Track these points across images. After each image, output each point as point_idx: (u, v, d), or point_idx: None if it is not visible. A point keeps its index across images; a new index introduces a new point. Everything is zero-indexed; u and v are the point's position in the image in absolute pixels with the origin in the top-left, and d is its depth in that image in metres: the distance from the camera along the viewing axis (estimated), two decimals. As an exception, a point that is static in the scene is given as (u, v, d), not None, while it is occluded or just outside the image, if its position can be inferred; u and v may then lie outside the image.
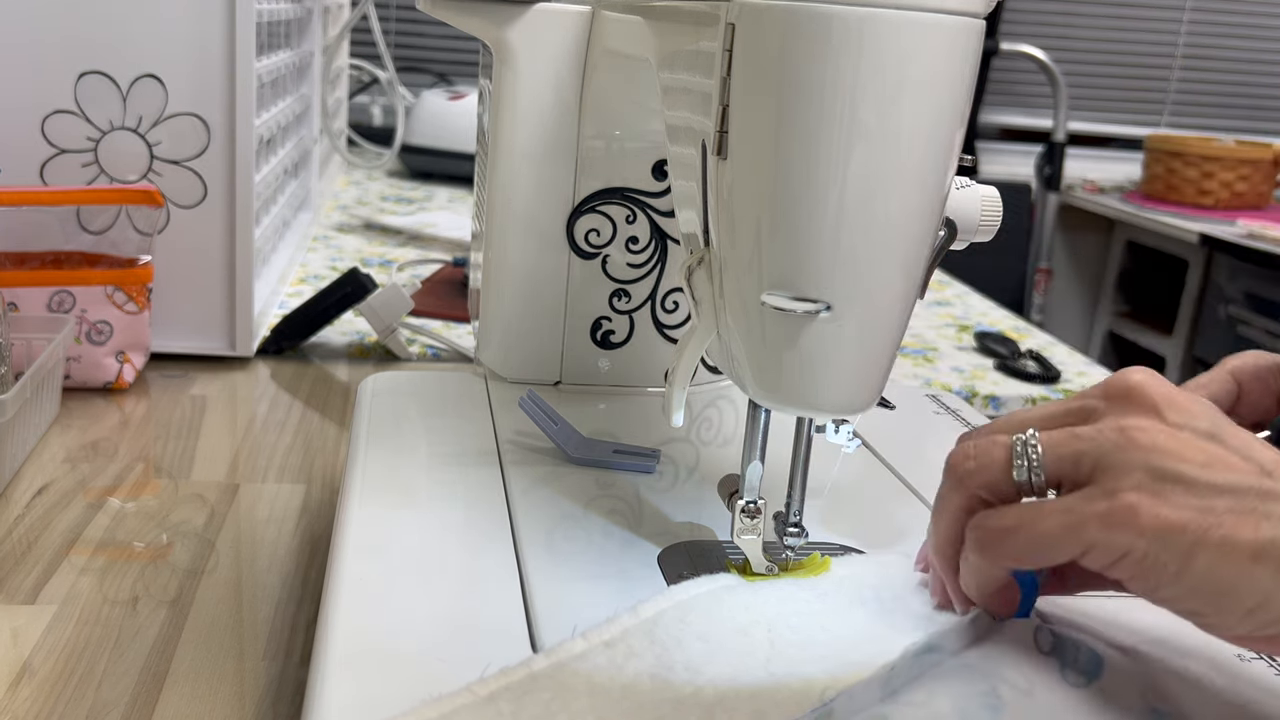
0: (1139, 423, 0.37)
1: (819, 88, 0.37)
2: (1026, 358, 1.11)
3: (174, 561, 0.62)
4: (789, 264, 0.40)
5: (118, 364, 0.86)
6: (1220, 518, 0.35)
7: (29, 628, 0.55)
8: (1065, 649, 0.40)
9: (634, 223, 0.66)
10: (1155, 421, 0.37)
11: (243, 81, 0.87)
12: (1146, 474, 0.35)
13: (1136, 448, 0.36)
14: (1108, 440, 0.37)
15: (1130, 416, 0.37)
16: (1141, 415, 0.37)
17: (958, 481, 0.40)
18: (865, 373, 0.42)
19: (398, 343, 0.97)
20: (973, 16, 0.38)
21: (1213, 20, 2.88)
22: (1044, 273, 2.71)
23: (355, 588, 0.45)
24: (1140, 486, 0.35)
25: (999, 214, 0.51)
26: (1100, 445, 0.37)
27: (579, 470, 0.57)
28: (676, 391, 0.47)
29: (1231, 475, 0.35)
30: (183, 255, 0.90)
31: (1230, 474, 0.35)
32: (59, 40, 0.85)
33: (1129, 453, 0.36)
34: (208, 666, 0.53)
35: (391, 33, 2.46)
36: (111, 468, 0.73)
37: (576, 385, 0.69)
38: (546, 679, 0.38)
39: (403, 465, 0.57)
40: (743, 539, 0.46)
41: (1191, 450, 0.36)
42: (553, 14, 0.63)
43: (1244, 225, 2.22)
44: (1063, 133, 2.64)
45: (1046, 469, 0.38)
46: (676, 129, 0.49)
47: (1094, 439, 0.37)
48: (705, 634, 0.41)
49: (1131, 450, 0.36)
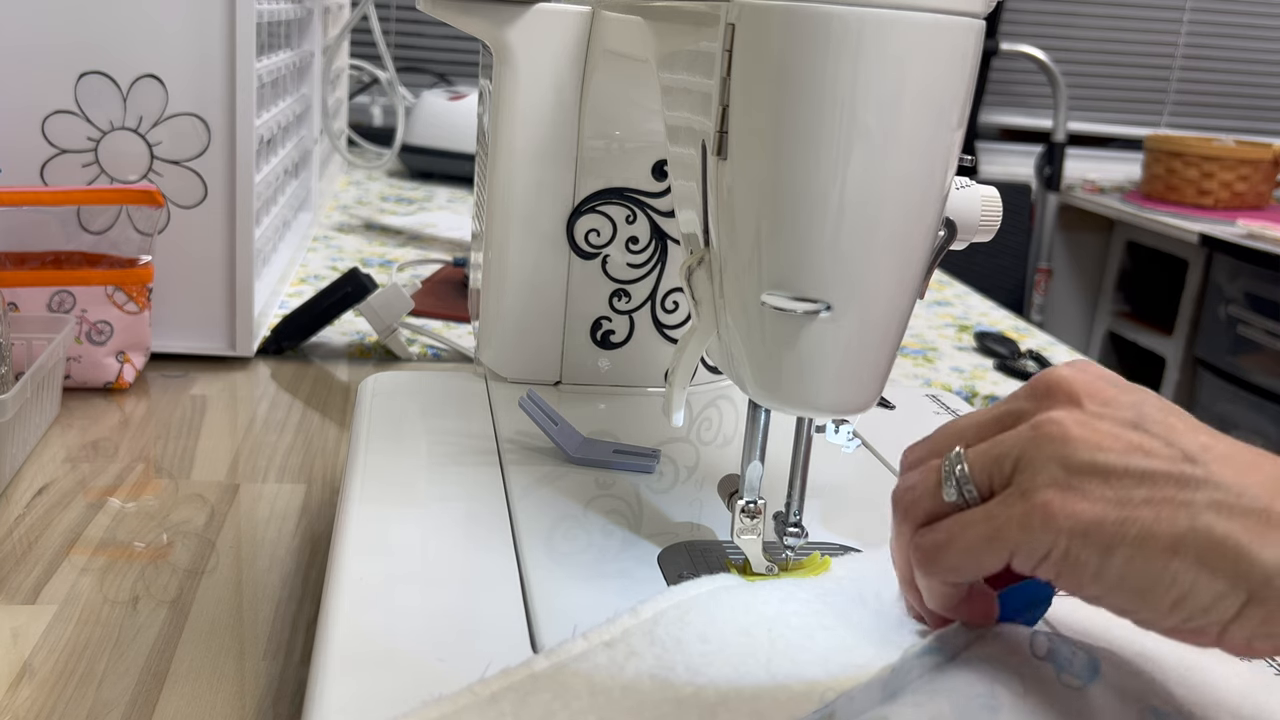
0: (1053, 415, 0.36)
1: (819, 88, 0.37)
2: (1026, 358, 1.11)
3: (174, 561, 0.62)
4: (789, 264, 0.40)
5: (118, 364, 0.86)
6: (1137, 510, 0.34)
7: (29, 628, 0.55)
8: (1061, 653, 0.40)
9: (634, 223, 0.66)
10: (1072, 411, 0.36)
11: (243, 81, 0.87)
12: (1060, 468, 0.35)
13: (1049, 441, 0.36)
14: (1023, 438, 0.37)
15: (1047, 411, 0.37)
16: (1059, 408, 0.37)
17: (903, 514, 0.40)
18: (865, 373, 0.42)
19: (398, 343, 0.97)
20: (973, 16, 0.38)
21: (1213, 20, 2.88)
22: (1044, 273, 2.71)
23: (355, 588, 0.45)
24: (1054, 483, 0.35)
25: (999, 214, 0.51)
26: (1017, 445, 0.37)
27: (579, 470, 0.57)
28: (676, 391, 0.47)
29: (1150, 461, 0.35)
30: (183, 255, 0.90)
31: (1149, 460, 0.35)
32: (59, 40, 0.85)
33: (1042, 447, 0.36)
34: (208, 666, 0.53)
35: (391, 33, 2.46)
36: (112, 468, 0.73)
37: (576, 385, 0.69)
38: (547, 679, 0.38)
39: (403, 465, 0.57)
40: (743, 539, 0.46)
41: (1108, 438, 0.35)
42: (553, 14, 0.63)
43: (1244, 225, 2.22)
44: (1063, 133, 2.64)
45: (976, 483, 0.38)
46: (676, 129, 0.49)
47: (1012, 441, 0.37)
48: (706, 634, 0.41)
49: (1044, 444, 0.36)
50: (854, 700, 0.38)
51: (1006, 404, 0.40)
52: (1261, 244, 2.13)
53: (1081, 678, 0.39)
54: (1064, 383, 0.38)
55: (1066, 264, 2.85)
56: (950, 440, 0.40)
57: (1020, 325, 1.28)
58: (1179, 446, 0.35)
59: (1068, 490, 0.35)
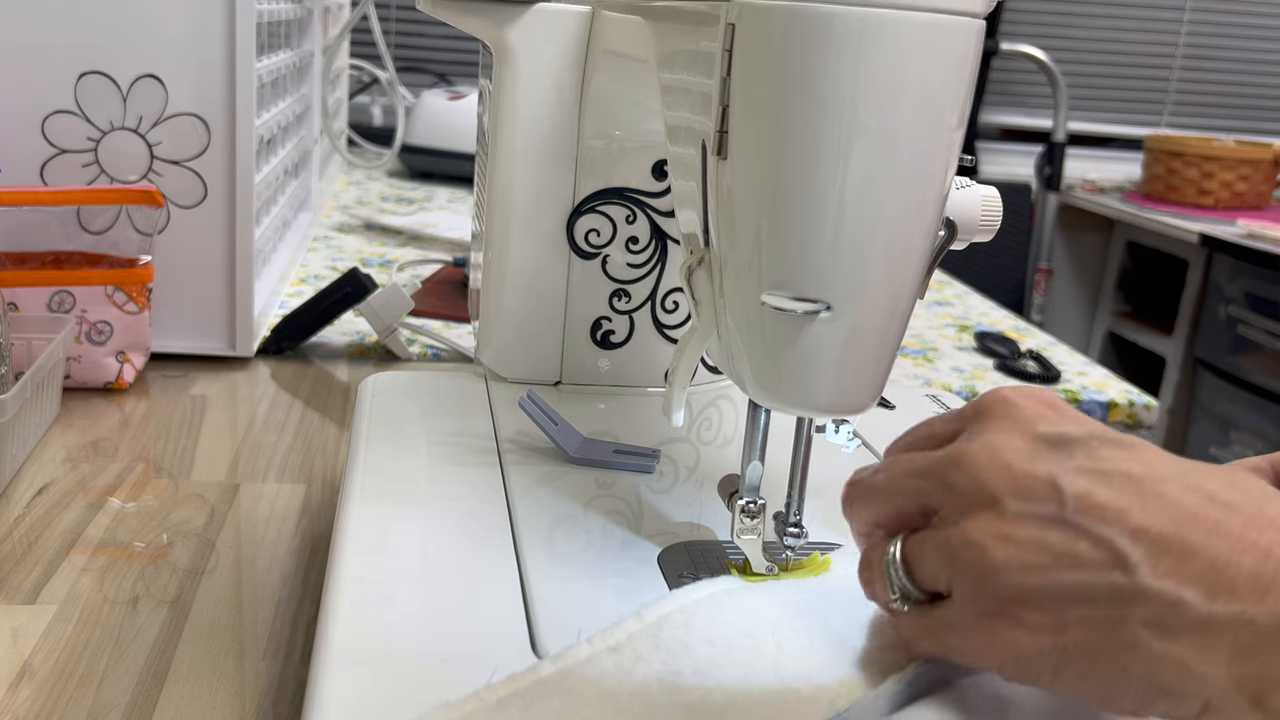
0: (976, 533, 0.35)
1: (819, 88, 0.37)
2: (1026, 358, 1.11)
3: (174, 561, 0.62)
4: (789, 264, 0.40)
5: (118, 364, 0.86)
6: (1076, 633, 0.33)
7: (29, 628, 0.55)
8: None
9: (634, 223, 0.66)
10: (993, 521, 0.35)
11: (243, 81, 0.87)
12: (991, 598, 0.35)
13: (971, 567, 0.35)
14: (955, 559, 0.36)
15: (968, 518, 0.35)
16: (978, 513, 0.35)
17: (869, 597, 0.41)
18: (865, 373, 0.42)
19: (398, 343, 0.97)
20: (973, 16, 0.38)
21: (1213, 20, 2.87)
22: (1044, 273, 2.71)
23: (355, 588, 0.45)
24: (988, 613, 0.35)
25: (999, 214, 0.51)
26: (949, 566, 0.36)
27: (579, 470, 0.57)
28: (676, 391, 0.47)
29: (1080, 574, 0.33)
30: (183, 255, 0.90)
31: (1078, 572, 0.33)
32: (59, 40, 0.85)
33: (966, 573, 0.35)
34: (208, 666, 0.53)
35: (391, 33, 2.46)
36: (112, 468, 0.73)
37: (576, 385, 0.69)
38: (554, 685, 0.38)
39: (403, 465, 0.57)
40: (743, 539, 0.46)
41: (1033, 552, 0.34)
42: (553, 14, 0.63)
43: (1244, 225, 2.22)
44: (1063, 133, 2.64)
45: (919, 584, 0.38)
46: (676, 129, 0.49)
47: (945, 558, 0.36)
48: (711, 638, 0.41)
49: (968, 570, 0.35)
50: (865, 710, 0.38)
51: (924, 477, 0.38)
52: (1261, 244, 2.13)
53: None
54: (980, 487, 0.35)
55: (1066, 264, 2.85)
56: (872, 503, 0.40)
57: (1020, 325, 1.28)
58: (1106, 544, 0.33)
59: (1000, 619, 0.34)
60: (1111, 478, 0.34)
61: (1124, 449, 0.35)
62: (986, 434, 0.37)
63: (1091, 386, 1.07)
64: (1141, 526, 0.33)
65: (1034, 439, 0.36)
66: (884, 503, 0.40)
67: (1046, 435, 0.36)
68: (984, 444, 0.36)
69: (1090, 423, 0.37)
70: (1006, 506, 0.35)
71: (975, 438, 0.37)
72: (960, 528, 0.36)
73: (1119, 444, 0.35)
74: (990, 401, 0.38)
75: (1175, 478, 0.34)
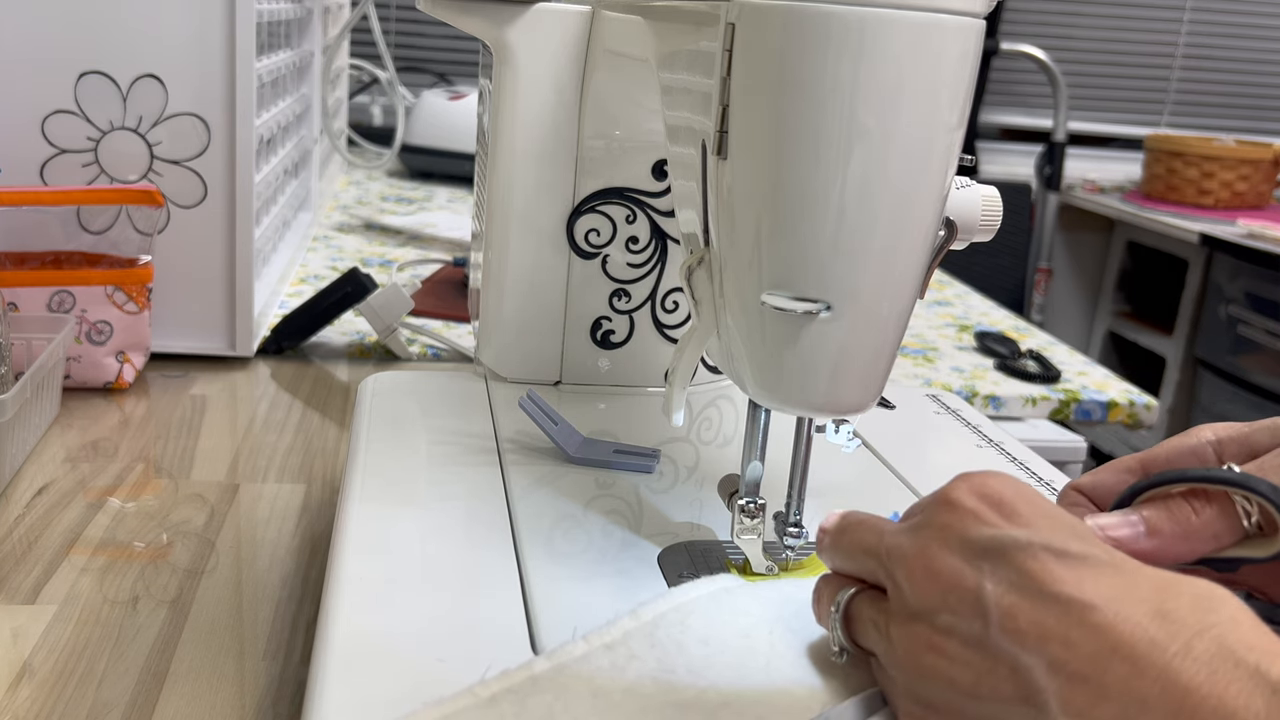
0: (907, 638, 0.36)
1: (819, 88, 0.37)
2: (1026, 358, 1.11)
3: (174, 561, 0.62)
4: (789, 264, 0.40)
5: (118, 364, 0.86)
6: None
7: (29, 628, 0.55)
8: None
9: (634, 223, 0.66)
10: (921, 627, 0.35)
11: (243, 81, 0.87)
12: (914, 700, 0.36)
13: (903, 670, 0.36)
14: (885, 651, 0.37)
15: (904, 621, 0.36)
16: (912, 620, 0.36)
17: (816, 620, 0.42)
18: (865, 373, 0.42)
19: (398, 343, 0.97)
20: (973, 16, 0.38)
21: (1213, 20, 2.87)
22: (1044, 273, 2.70)
23: (355, 587, 0.45)
24: (912, 713, 0.36)
25: (999, 214, 0.51)
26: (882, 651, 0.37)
27: (579, 470, 0.57)
28: (676, 391, 0.47)
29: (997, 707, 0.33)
30: (183, 255, 0.90)
31: (994, 703, 0.33)
32: (59, 40, 0.85)
33: (898, 671, 0.36)
34: (208, 666, 0.53)
35: (391, 33, 2.46)
36: (111, 468, 0.73)
37: (576, 385, 0.69)
38: (548, 681, 0.38)
39: (403, 465, 0.57)
40: (743, 539, 0.46)
41: (959, 668, 0.34)
42: (553, 14, 0.63)
43: (1244, 225, 2.22)
44: (1063, 133, 2.64)
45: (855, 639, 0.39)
46: (676, 129, 0.49)
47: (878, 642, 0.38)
48: (706, 637, 0.41)
49: (900, 670, 0.36)
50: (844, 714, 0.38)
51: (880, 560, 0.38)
52: (1262, 244, 2.13)
53: None
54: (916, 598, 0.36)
55: (1067, 264, 2.85)
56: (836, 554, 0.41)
57: (1020, 325, 1.28)
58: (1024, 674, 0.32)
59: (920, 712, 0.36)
60: (1040, 597, 0.33)
61: (1062, 562, 0.33)
62: (925, 531, 0.37)
63: (1091, 386, 1.07)
64: (1059, 660, 0.31)
65: (966, 545, 0.35)
66: (845, 563, 0.41)
67: (980, 542, 0.35)
68: (921, 549, 0.36)
69: (1039, 518, 0.35)
70: (937, 619, 0.35)
71: (918, 536, 0.37)
72: (897, 628, 0.36)
73: (1061, 555, 0.33)
74: (940, 496, 0.37)
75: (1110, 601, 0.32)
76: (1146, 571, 0.33)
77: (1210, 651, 0.30)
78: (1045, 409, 1.04)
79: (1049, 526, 0.35)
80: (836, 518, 0.42)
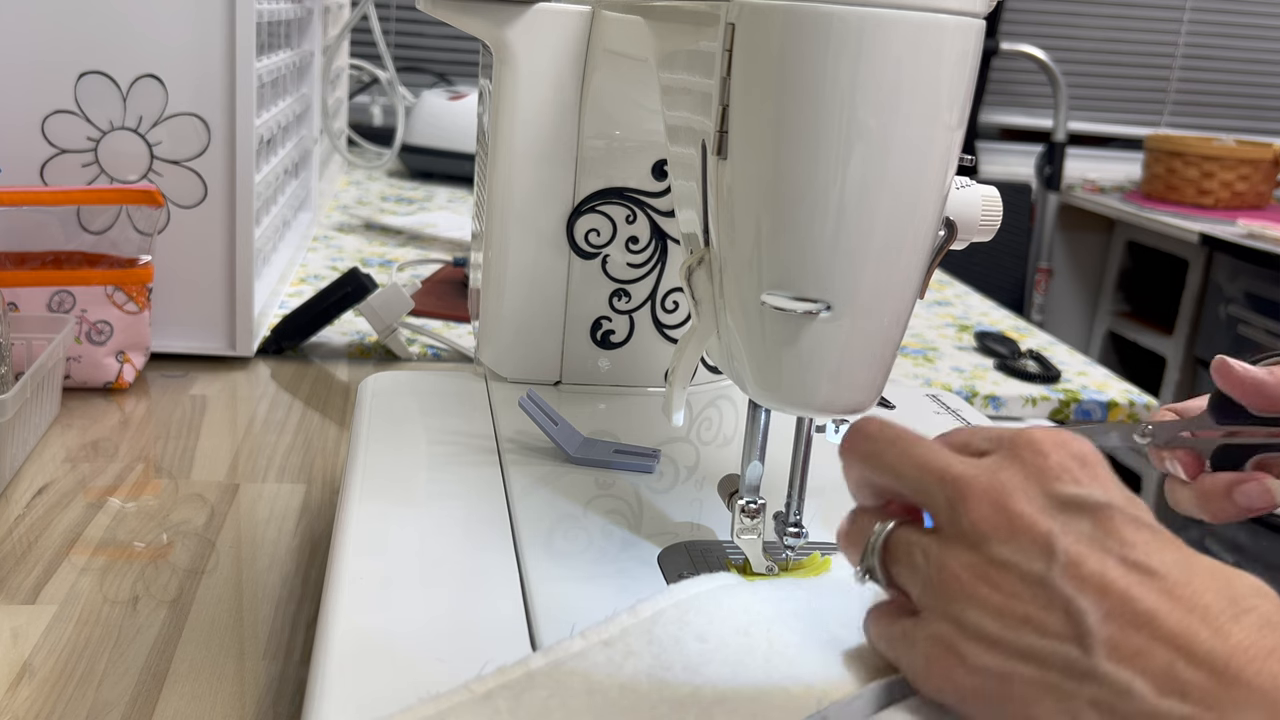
0: (958, 563, 0.35)
1: (819, 88, 0.37)
2: (1026, 358, 1.11)
3: (174, 561, 0.62)
4: (789, 264, 0.40)
5: (118, 364, 0.86)
6: (1018, 688, 0.33)
7: (29, 628, 0.55)
8: None
9: (634, 223, 0.66)
10: (977, 557, 0.35)
11: (243, 81, 0.87)
12: (953, 626, 0.35)
13: (948, 594, 0.35)
14: (930, 577, 0.36)
15: (956, 547, 0.36)
16: (966, 547, 0.35)
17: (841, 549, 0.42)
18: (865, 373, 0.42)
19: (398, 343, 0.97)
20: (973, 16, 0.38)
21: (1213, 20, 2.87)
22: (1044, 273, 2.71)
23: (355, 587, 0.45)
24: (941, 640, 0.35)
25: (999, 214, 0.51)
26: (923, 579, 0.37)
27: (579, 470, 0.57)
28: (676, 391, 0.47)
29: (1042, 640, 0.33)
30: (183, 255, 0.90)
31: (1041, 638, 0.33)
32: (59, 40, 0.85)
33: (939, 595, 0.36)
34: (208, 666, 0.53)
35: (391, 33, 2.46)
36: (111, 468, 0.73)
37: (576, 385, 0.69)
38: (544, 677, 0.38)
39: (403, 465, 0.57)
40: (743, 539, 0.46)
41: (1007, 599, 0.34)
42: (553, 14, 0.63)
43: (1244, 225, 2.22)
44: (1063, 133, 2.64)
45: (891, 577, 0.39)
46: (676, 129, 0.49)
47: (922, 569, 0.37)
48: (704, 634, 0.41)
49: (943, 595, 0.36)
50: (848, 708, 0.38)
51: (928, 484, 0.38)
52: (1261, 244, 2.13)
53: None
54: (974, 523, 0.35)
55: (1067, 264, 2.85)
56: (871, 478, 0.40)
57: (1020, 325, 1.28)
58: (1076, 619, 0.33)
59: (949, 651, 0.35)
60: (1108, 553, 0.34)
61: (1135, 528, 0.34)
62: (1005, 472, 0.36)
63: (1092, 386, 1.07)
64: (1116, 610, 0.32)
65: (1049, 495, 0.35)
66: (882, 474, 0.39)
67: (1062, 495, 0.35)
68: (997, 482, 0.36)
69: (1117, 491, 0.36)
70: (995, 550, 0.35)
71: (993, 472, 0.36)
72: (947, 552, 0.36)
73: (1136, 523, 0.34)
74: (1025, 441, 0.37)
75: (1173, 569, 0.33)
76: (1206, 560, 0.34)
77: (1258, 623, 0.32)
78: (1045, 409, 1.04)
79: (1125, 496, 0.36)
80: (877, 425, 0.40)
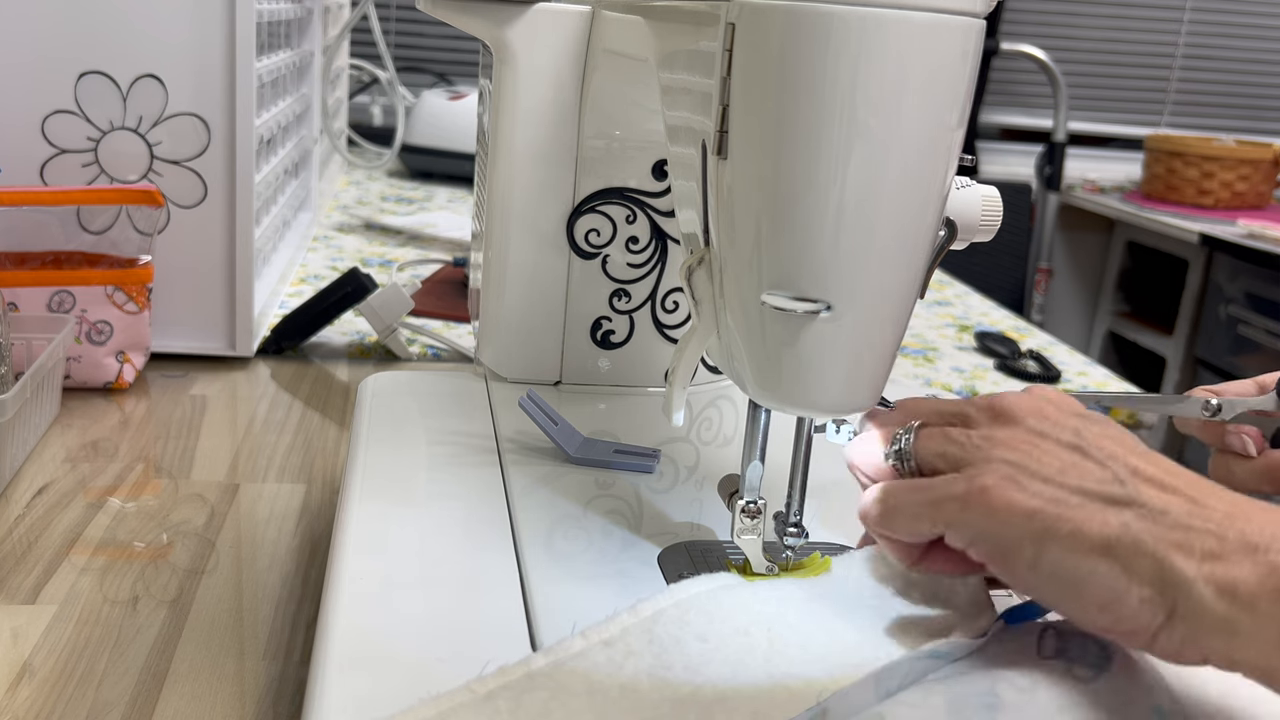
0: (1002, 430, 0.40)
1: (819, 88, 0.37)
2: (1026, 358, 1.11)
3: (174, 561, 0.62)
4: (789, 264, 0.40)
5: (118, 364, 0.86)
6: (1072, 510, 0.36)
7: (29, 628, 0.55)
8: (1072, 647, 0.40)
9: (634, 223, 0.66)
10: (1019, 429, 0.40)
11: (243, 81, 0.87)
12: (1005, 465, 0.38)
13: (997, 446, 0.39)
14: (972, 444, 0.40)
15: (996, 427, 0.41)
16: (1006, 425, 0.40)
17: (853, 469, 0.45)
18: (865, 373, 0.42)
19: (398, 343, 0.97)
20: (973, 16, 0.38)
21: (1213, 20, 2.87)
22: (1044, 273, 2.71)
23: (355, 587, 0.45)
24: (998, 474, 0.38)
25: (999, 214, 0.51)
26: (965, 448, 0.40)
27: (579, 470, 0.57)
28: (676, 391, 0.47)
29: (1086, 480, 0.37)
30: (183, 255, 0.90)
31: (1085, 479, 0.37)
32: (59, 40, 0.85)
33: (988, 452, 0.39)
34: (208, 666, 0.53)
35: (391, 33, 2.46)
36: (111, 468, 0.73)
37: (576, 385, 0.69)
38: (544, 678, 0.38)
39: (403, 465, 0.57)
40: (743, 539, 0.46)
41: (1049, 456, 0.38)
42: (553, 14, 0.63)
43: (1244, 225, 2.22)
44: (1063, 133, 2.64)
45: (918, 460, 0.42)
46: (676, 129, 0.49)
47: (961, 442, 0.40)
48: (704, 634, 0.41)
49: (992, 449, 0.39)
50: (848, 698, 0.38)
51: (961, 404, 0.43)
52: (1261, 244, 2.13)
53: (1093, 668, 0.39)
54: (1011, 409, 0.41)
55: (1066, 264, 2.85)
56: (908, 416, 0.44)
57: (1020, 325, 1.28)
58: (1111, 469, 0.38)
59: (1009, 482, 0.38)
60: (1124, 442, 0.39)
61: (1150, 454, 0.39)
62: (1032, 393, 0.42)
63: (1092, 386, 1.07)
64: (1140, 469, 0.38)
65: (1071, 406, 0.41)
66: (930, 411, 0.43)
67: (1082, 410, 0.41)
68: (1023, 395, 0.42)
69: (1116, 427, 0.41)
70: (1034, 424, 0.40)
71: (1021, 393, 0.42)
72: (991, 428, 0.40)
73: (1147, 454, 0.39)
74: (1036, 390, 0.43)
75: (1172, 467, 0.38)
76: None
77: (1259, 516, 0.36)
78: (1045, 409, 1.03)
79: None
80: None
